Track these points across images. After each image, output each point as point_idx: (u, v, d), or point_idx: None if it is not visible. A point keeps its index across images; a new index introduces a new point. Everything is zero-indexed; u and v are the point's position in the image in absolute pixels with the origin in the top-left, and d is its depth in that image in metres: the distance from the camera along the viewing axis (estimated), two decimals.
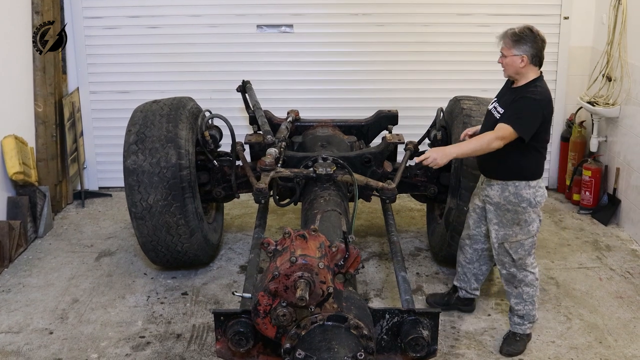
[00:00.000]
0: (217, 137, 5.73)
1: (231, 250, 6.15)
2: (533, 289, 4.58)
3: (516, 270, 4.55)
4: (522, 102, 4.24)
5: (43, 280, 5.60)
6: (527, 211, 4.42)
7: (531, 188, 4.40)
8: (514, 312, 4.66)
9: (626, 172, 6.56)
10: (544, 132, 4.34)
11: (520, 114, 4.22)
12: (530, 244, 4.52)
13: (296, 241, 3.24)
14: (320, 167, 5.06)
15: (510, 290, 4.63)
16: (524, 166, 4.36)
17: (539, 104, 4.23)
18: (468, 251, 4.92)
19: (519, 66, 4.29)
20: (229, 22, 7.33)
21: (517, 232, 4.47)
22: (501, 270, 4.64)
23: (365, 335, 3.22)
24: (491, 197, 4.53)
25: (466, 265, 4.98)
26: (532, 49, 4.25)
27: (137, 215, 5.17)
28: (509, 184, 4.41)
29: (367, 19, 7.34)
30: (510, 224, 4.47)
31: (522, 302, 4.60)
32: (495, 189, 4.49)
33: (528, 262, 4.55)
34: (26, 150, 6.32)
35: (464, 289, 5.04)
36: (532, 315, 4.63)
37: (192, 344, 4.68)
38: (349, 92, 7.49)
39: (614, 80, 6.68)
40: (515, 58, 4.28)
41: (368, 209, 7.00)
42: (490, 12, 7.25)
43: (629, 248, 6.19)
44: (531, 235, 4.49)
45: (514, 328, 4.66)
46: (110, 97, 7.48)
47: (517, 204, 4.41)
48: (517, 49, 4.26)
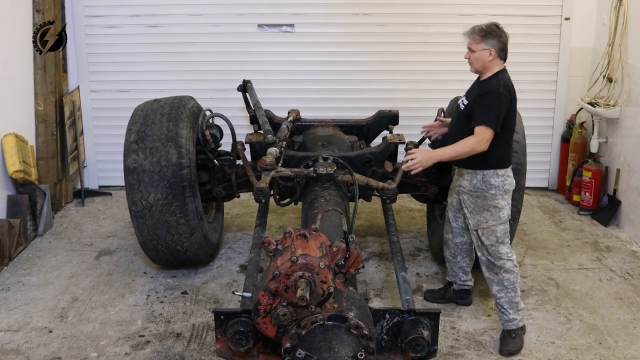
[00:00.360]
0: (217, 137, 5.73)
1: (231, 250, 6.15)
2: (513, 275, 4.66)
3: (492, 258, 4.67)
4: (486, 98, 4.44)
5: (43, 278, 5.59)
6: (496, 197, 4.59)
7: (499, 177, 4.57)
8: (497, 304, 4.72)
9: (626, 173, 6.56)
10: (509, 121, 4.53)
11: (487, 109, 4.42)
12: (503, 231, 4.64)
13: (297, 241, 3.23)
14: (321, 166, 5.06)
15: (492, 277, 4.72)
16: (491, 156, 4.52)
17: (501, 95, 4.42)
18: (451, 245, 5.09)
19: (487, 60, 4.48)
20: (229, 21, 7.33)
21: (487, 218, 4.62)
22: (481, 257, 4.75)
23: (365, 335, 3.21)
24: (464, 187, 4.70)
25: (452, 260, 5.15)
26: (498, 43, 4.46)
27: (137, 214, 5.16)
28: (478, 173, 4.59)
29: (368, 19, 7.33)
30: (481, 210, 4.63)
31: (504, 289, 4.67)
32: (466, 178, 4.67)
33: (502, 250, 4.65)
34: (26, 149, 6.32)
35: (456, 282, 5.19)
36: (516, 302, 4.67)
37: (191, 343, 4.68)
38: (350, 92, 7.49)
39: (614, 81, 6.68)
40: (484, 52, 4.47)
41: (368, 209, 7.00)
42: (491, 12, 7.21)
43: (629, 249, 6.19)
44: (502, 222, 4.62)
45: (506, 326, 4.70)
46: (110, 96, 7.48)
47: (486, 191, 4.58)
48: (485, 43, 4.46)
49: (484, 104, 4.44)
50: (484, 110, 4.42)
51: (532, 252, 6.13)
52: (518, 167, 5.10)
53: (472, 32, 4.50)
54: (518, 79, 7.27)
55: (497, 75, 4.50)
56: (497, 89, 4.42)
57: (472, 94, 4.59)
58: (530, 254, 6.09)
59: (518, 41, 7.27)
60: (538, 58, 7.40)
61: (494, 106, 4.41)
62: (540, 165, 7.65)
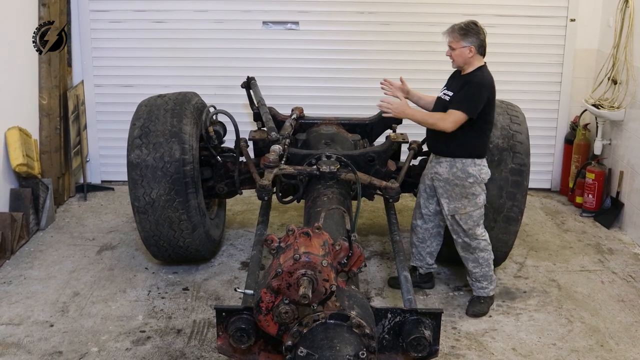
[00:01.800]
0: (221, 133, 5.72)
1: (233, 247, 6.15)
2: (487, 253, 5.01)
3: (468, 239, 4.96)
4: (469, 87, 4.71)
5: (44, 272, 5.59)
6: (473, 186, 4.84)
7: (476, 165, 4.82)
8: (472, 276, 5.08)
9: (630, 176, 6.55)
10: (489, 114, 4.79)
11: (467, 97, 4.70)
12: (478, 215, 4.93)
13: (300, 239, 3.23)
14: (324, 164, 5.05)
15: (467, 256, 5.04)
16: (471, 145, 4.79)
17: (483, 87, 4.70)
18: (419, 231, 5.27)
19: (468, 56, 4.75)
20: (234, 18, 7.33)
21: (465, 204, 4.87)
22: (456, 239, 5.03)
23: (367, 334, 3.21)
24: (440, 174, 4.91)
25: (420, 245, 5.32)
26: (477, 40, 4.74)
27: (139, 209, 5.17)
28: (457, 161, 4.82)
29: (372, 18, 7.33)
30: (459, 197, 4.87)
31: (479, 266, 5.03)
32: (444, 165, 4.88)
33: (478, 232, 4.95)
34: (30, 143, 6.32)
35: (423, 267, 5.37)
36: (490, 275, 5.06)
37: (192, 339, 4.68)
38: (354, 91, 7.48)
39: (619, 83, 6.67)
40: (464, 49, 4.74)
41: (370, 208, 6.99)
42: (496, 13, 7.24)
43: (631, 252, 6.18)
44: (479, 207, 4.91)
45: (477, 292, 5.09)
46: (114, 91, 7.48)
47: (465, 179, 4.82)
48: (465, 41, 4.73)
49: (465, 92, 4.71)
50: (463, 97, 4.71)
51: (534, 253, 6.13)
52: (521, 168, 5.10)
53: (452, 30, 4.78)
54: (522, 79, 7.41)
55: (480, 69, 4.78)
56: (480, 81, 4.72)
57: (456, 86, 4.82)
58: (532, 255, 6.09)
59: (523, 42, 7.34)
60: (543, 59, 7.39)
61: (473, 95, 4.69)
62: (544, 166, 7.65)
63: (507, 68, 7.40)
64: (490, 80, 4.76)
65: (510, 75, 7.43)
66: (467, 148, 4.79)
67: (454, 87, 4.84)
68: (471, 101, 4.68)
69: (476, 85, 4.70)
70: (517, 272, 5.75)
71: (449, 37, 4.79)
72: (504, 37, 7.32)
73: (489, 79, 4.76)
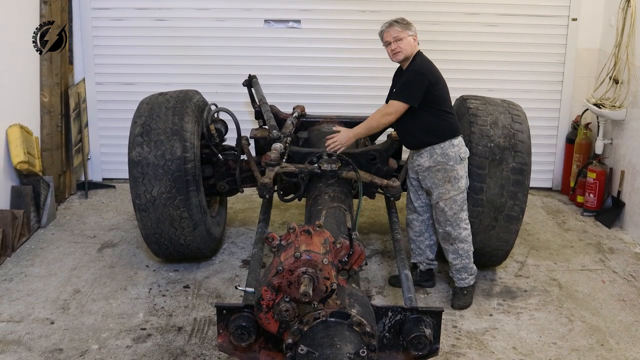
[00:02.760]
0: (222, 131, 5.73)
1: (234, 245, 6.15)
2: (467, 244, 5.06)
3: (451, 228, 4.99)
4: (406, 77, 4.82)
5: (45, 270, 5.60)
6: (454, 168, 4.88)
7: (455, 147, 4.87)
8: (452, 268, 5.16)
9: (631, 175, 6.54)
10: (440, 93, 4.85)
11: (404, 87, 4.80)
12: (462, 199, 4.97)
13: (301, 236, 3.23)
14: (325, 163, 5.06)
15: (447, 247, 5.10)
16: (440, 129, 4.86)
17: (419, 73, 4.77)
18: (416, 225, 5.29)
19: (414, 44, 4.84)
20: (236, 16, 7.33)
21: (449, 189, 4.91)
22: (439, 229, 5.08)
23: (367, 333, 3.21)
24: (422, 165, 4.96)
25: (417, 238, 5.34)
26: (414, 31, 4.85)
27: (140, 207, 5.17)
28: (436, 147, 4.87)
29: (374, 16, 7.31)
30: (442, 182, 4.91)
31: (459, 257, 5.09)
32: (424, 156, 4.94)
33: (462, 217, 4.99)
34: (31, 140, 6.32)
35: (423, 262, 5.39)
36: (470, 267, 5.13)
37: (193, 337, 4.68)
38: (356, 89, 7.48)
39: (620, 82, 6.66)
40: (410, 38, 4.82)
41: (371, 206, 6.99)
42: (498, 12, 7.23)
43: (632, 251, 6.18)
44: (461, 191, 4.94)
45: (459, 284, 5.17)
46: (116, 89, 7.48)
47: (445, 163, 4.87)
48: (409, 30, 4.82)
49: (402, 82, 4.83)
50: (401, 87, 4.82)
51: (535, 252, 6.13)
52: (522, 167, 5.10)
53: (393, 25, 4.82)
54: (524, 78, 7.41)
55: (414, 59, 4.86)
56: (414, 69, 4.80)
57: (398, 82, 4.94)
58: (533, 254, 6.09)
59: (524, 41, 7.34)
60: (544, 58, 7.38)
61: (410, 84, 4.77)
62: (545, 165, 7.64)
63: (509, 67, 7.41)
64: (428, 65, 4.84)
65: (511, 75, 7.43)
66: (438, 133, 4.85)
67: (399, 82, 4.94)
68: (409, 90, 4.75)
69: (413, 74, 4.77)
70: (518, 271, 5.75)
71: (392, 32, 4.81)
72: (506, 36, 7.32)
73: (425, 64, 4.83)
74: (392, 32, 4.81)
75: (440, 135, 4.86)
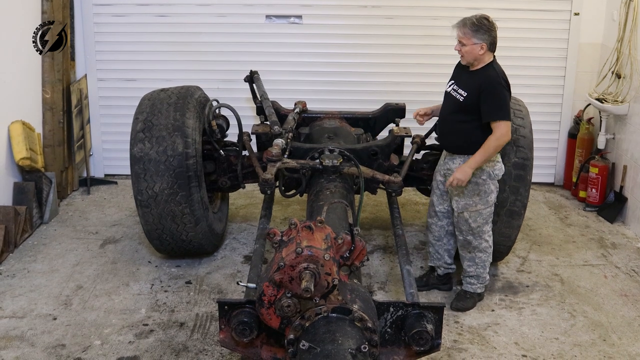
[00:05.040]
0: (224, 127, 5.72)
1: (235, 240, 6.16)
2: (486, 255, 4.98)
3: (472, 237, 4.90)
4: (493, 92, 4.57)
5: (47, 266, 5.61)
6: (486, 183, 4.77)
7: (491, 162, 4.73)
8: (465, 273, 5.06)
9: (633, 170, 6.53)
10: None
11: (498, 103, 4.56)
12: (488, 213, 4.88)
13: (302, 232, 3.23)
14: (327, 158, 5.05)
15: (464, 254, 5.02)
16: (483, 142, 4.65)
17: (504, 88, 4.60)
18: (435, 229, 5.18)
19: (479, 53, 4.61)
20: (237, 11, 7.32)
21: (477, 202, 4.81)
22: (459, 236, 4.98)
23: (369, 328, 3.22)
24: (453, 170, 4.79)
25: (436, 243, 5.23)
26: (489, 37, 4.59)
27: (142, 203, 5.17)
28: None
29: (376, 12, 7.31)
30: (471, 194, 4.80)
31: (474, 265, 5.01)
32: (457, 162, 4.81)
33: (485, 229, 4.91)
34: (33, 136, 6.33)
35: (441, 267, 5.28)
36: (484, 277, 5.05)
37: (195, 332, 4.69)
38: (357, 85, 7.47)
39: (623, 77, 6.65)
40: (475, 46, 4.59)
41: (373, 202, 6.99)
42: (500, 6, 7.21)
43: (634, 246, 6.17)
44: (489, 205, 4.85)
45: (466, 287, 5.08)
46: (117, 85, 7.48)
47: (478, 176, 4.74)
48: (476, 37, 4.57)
49: (493, 98, 4.56)
50: (496, 104, 4.56)
51: (537, 247, 6.12)
52: (524, 162, 5.09)
53: (464, 25, 4.60)
54: (526, 73, 7.40)
55: (492, 67, 4.65)
56: (499, 81, 4.58)
57: (470, 85, 4.67)
58: (535, 249, 6.08)
59: (526, 36, 7.32)
60: (546, 53, 7.37)
61: (502, 98, 4.56)
62: (547, 160, 7.64)
63: (511, 62, 7.33)
64: (505, 76, 4.67)
65: (513, 70, 7.34)
66: (479, 145, 4.65)
67: (465, 84, 4.71)
68: (505, 107, 4.57)
69: (500, 89, 4.57)
70: (520, 267, 5.74)
71: (459, 31, 4.62)
72: (508, 31, 7.27)
73: (503, 75, 4.65)
74: (459, 33, 4.63)
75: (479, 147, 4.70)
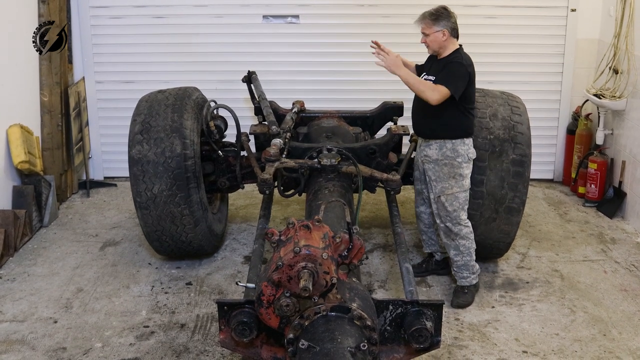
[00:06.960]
0: (222, 128, 5.72)
1: (235, 241, 6.16)
2: (468, 241, 5.05)
3: (451, 224, 5.00)
4: (452, 67, 4.76)
5: (48, 269, 5.61)
6: (461, 166, 4.91)
7: (465, 145, 4.90)
8: (454, 265, 5.12)
9: (632, 165, 6.54)
10: (472, 94, 4.87)
11: (451, 75, 4.72)
12: (464, 198, 4.98)
13: (300, 232, 3.23)
14: (325, 158, 5.06)
15: (449, 242, 5.10)
16: (458, 125, 4.86)
17: (465, 68, 4.75)
18: (424, 217, 5.34)
19: (442, 40, 4.81)
20: (234, 12, 7.33)
21: (452, 184, 4.93)
22: (440, 224, 5.08)
23: (368, 326, 3.22)
24: (430, 156, 4.97)
25: (427, 230, 5.39)
26: (449, 23, 4.80)
27: (141, 205, 5.17)
28: (447, 142, 4.88)
29: (373, 10, 7.32)
30: (447, 177, 4.93)
31: (460, 254, 5.06)
32: (433, 147, 4.95)
33: (462, 216, 4.99)
34: (32, 140, 6.33)
35: (437, 252, 5.45)
36: (472, 265, 5.10)
37: (196, 333, 4.69)
38: (355, 84, 7.48)
39: (620, 73, 6.65)
40: (438, 34, 4.80)
41: (372, 200, 6.99)
42: (496, 3, 7.22)
43: (634, 241, 6.17)
44: (464, 189, 4.96)
45: (460, 282, 5.13)
46: (115, 87, 7.49)
47: (454, 159, 4.89)
48: (437, 25, 4.79)
49: (448, 70, 4.75)
50: (447, 75, 4.72)
51: (537, 243, 6.13)
52: (523, 159, 5.09)
53: (424, 17, 4.84)
54: (523, 70, 7.40)
55: (457, 52, 4.84)
56: (460, 61, 4.77)
57: (437, 70, 4.84)
58: (535, 245, 6.09)
59: (524, 32, 7.32)
60: (544, 49, 7.37)
61: (456, 74, 4.72)
62: (546, 157, 7.64)
63: (508, 59, 7.40)
64: (470, 61, 4.82)
65: (511, 66, 7.42)
66: (455, 129, 4.85)
67: (434, 70, 4.88)
68: (456, 80, 4.70)
69: (458, 65, 4.74)
70: (520, 263, 5.75)
71: (421, 24, 4.85)
72: (505, 27, 7.31)
73: (468, 60, 4.81)
74: (421, 25, 4.85)
75: (455, 131, 4.86)
